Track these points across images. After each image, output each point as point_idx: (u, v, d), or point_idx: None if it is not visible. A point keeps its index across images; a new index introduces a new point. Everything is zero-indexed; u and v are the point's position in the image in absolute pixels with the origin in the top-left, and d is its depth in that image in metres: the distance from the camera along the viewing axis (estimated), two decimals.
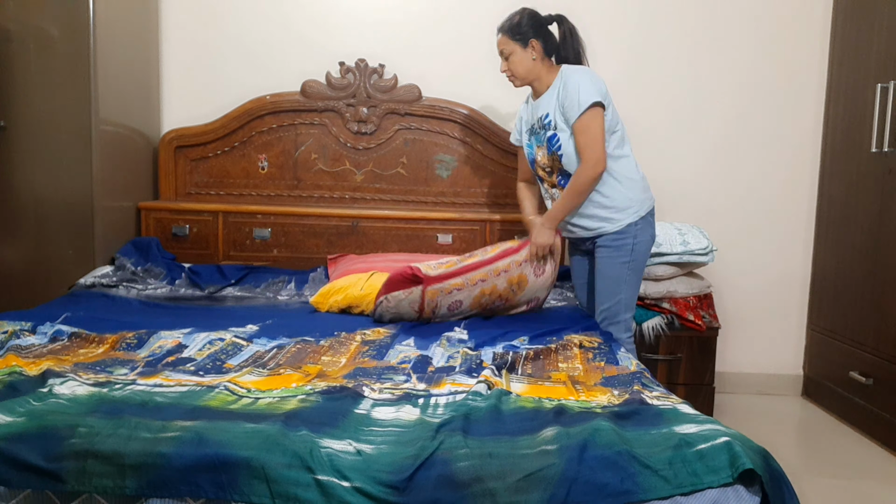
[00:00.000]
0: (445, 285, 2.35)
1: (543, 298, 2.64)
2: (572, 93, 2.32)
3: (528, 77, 2.44)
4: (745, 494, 1.25)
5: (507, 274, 2.43)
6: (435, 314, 2.39)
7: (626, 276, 2.45)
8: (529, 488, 1.21)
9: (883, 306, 2.87)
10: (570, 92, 2.33)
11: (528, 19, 2.41)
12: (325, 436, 1.32)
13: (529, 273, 2.48)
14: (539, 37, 2.41)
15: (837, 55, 3.26)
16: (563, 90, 2.36)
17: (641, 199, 2.45)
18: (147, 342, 2.04)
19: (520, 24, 2.40)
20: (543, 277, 2.53)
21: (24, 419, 1.34)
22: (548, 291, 2.62)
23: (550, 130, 2.41)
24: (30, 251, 2.80)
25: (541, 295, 2.60)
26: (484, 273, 2.39)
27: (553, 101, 2.40)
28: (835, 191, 3.26)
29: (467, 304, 2.41)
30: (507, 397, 1.59)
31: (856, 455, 2.76)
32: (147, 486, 1.24)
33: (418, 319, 2.39)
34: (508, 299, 2.49)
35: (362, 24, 3.29)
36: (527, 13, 2.43)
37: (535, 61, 2.41)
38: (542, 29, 2.44)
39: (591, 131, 2.31)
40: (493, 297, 2.44)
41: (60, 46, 2.71)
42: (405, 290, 2.32)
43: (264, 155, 3.25)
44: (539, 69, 2.43)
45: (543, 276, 2.52)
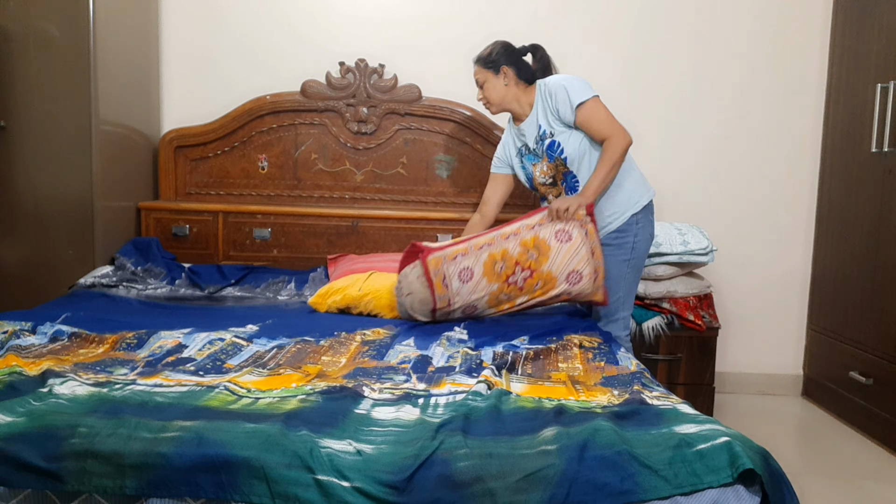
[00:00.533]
0: (447, 252, 2.32)
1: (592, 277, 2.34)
2: (561, 92, 2.38)
3: (502, 102, 2.51)
4: (745, 494, 1.25)
5: (517, 237, 2.33)
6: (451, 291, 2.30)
7: (626, 273, 2.46)
8: (529, 488, 1.21)
9: (883, 306, 2.87)
10: (559, 92, 2.39)
11: (499, 49, 2.51)
12: (325, 436, 1.32)
13: (549, 237, 2.32)
14: (510, 64, 2.49)
15: (837, 55, 3.26)
16: (550, 96, 2.41)
17: (642, 191, 2.48)
18: (147, 342, 2.04)
19: (491, 54, 2.50)
20: (572, 245, 2.31)
21: (24, 419, 1.34)
22: (593, 266, 2.34)
23: (548, 139, 2.44)
24: (30, 251, 2.80)
25: (582, 269, 2.33)
26: (489, 238, 2.35)
27: (540, 112, 2.45)
28: (835, 191, 3.26)
29: (479, 273, 2.30)
30: (507, 397, 1.59)
31: (856, 455, 2.76)
32: (147, 486, 1.24)
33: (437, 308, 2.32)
34: (532, 267, 2.32)
35: (362, 24, 3.29)
36: (499, 45, 2.52)
37: (507, 87, 2.49)
38: (514, 57, 2.51)
39: (600, 114, 2.36)
40: (508, 264, 2.30)
41: (60, 46, 2.71)
42: (410, 264, 2.35)
43: (264, 155, 3.25)
44: (514, 93, 2.50)
45: (571, 243, 2.31)
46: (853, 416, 3.04)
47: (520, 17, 3.30)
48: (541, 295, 2.37)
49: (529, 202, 3.18)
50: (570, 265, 2.33)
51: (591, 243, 2.33)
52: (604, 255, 2.46)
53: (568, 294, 2.37)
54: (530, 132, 2.50)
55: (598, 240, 2.36)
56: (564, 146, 2.41)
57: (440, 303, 2.32)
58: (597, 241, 2.35)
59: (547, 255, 2.32)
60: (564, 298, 2.40)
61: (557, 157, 2.44)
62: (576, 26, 3.29)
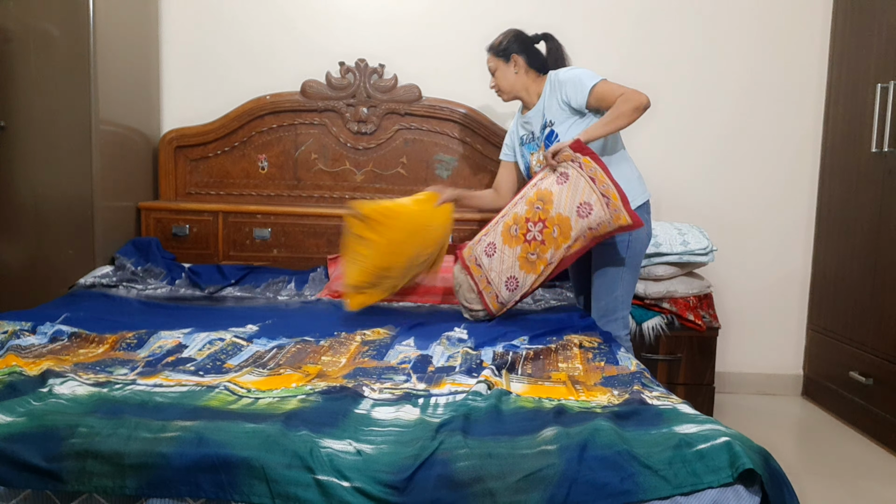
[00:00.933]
0: (474, 239, 2.48)
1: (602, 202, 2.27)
2: (573, 80, 2.41)
3: (512, 90, 2.55)
4: (745, 494, 1.25)
5: (523, 199, 2.40)
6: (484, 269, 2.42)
7: (623, 272, 2.47)
8: (529, 488, 1.21)
9: (883, 306, 2.87)
10: (570, 81, 2.41)
11: (511, 38, 2.55)
12: (325, 436, 1.32)
13: (549, 185, 2.34)
14: (521, 52, 2.53)
15: (837, 55, 3.26)
16: (559, 85, 2.43)
17: (636, 192, 2.47)
18: (147, 342, 2.04)
19: (502, 43, 2.54)
20: (569, 182, 2.30)
21: (24, 419, 1.34)
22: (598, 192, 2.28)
23: (549, 128, 2.47)
24: (30, 251, 2.80)
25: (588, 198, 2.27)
26: (503, 212, 2.46)
27: (547, 101, 2.48)
28: (835, 191, 3.26)
29: (500, 243, 2.39)
30: (507, 397, 1.59)
31: (856, 455, 2.76)
32: (147, 486, 1.24)
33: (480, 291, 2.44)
34: (541, 217, 2.32)
35: (362, 24, 3.29)
36: (511, 33, 2.57)
37: (517, 75, 2.53)
38: (525, 45, 2.55)
39: (611, 87, 2.34)
40: (521, 224, 2.35)
41: (60, 46, 2.71)
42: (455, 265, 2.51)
43: (264, 155, 3.25)
44: (524, 82, 2.54)
45: (569, 181, 2.30)
46: (853, 416, 3.04)
47: (519, 18, 3.29)
48: (564, 241, 2.32)
49: None
50: (576, 200, 2.29)
51: (589, 172, 2.29)
52: (599, 254, 2.46)
53: (592, 229, 2.30)
54: (536, 121, 2.53)
55: (599, 166, 2.29)
56: (563, 137, 2.44)
57: (480, 283, 2.43)
58: (595, 167, 2.29)
59: (551, 201, 2.32)
60: (592, 236, 2.32)
61: None
62: (575, 28, 3.28)
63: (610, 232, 2.31)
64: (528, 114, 2.56)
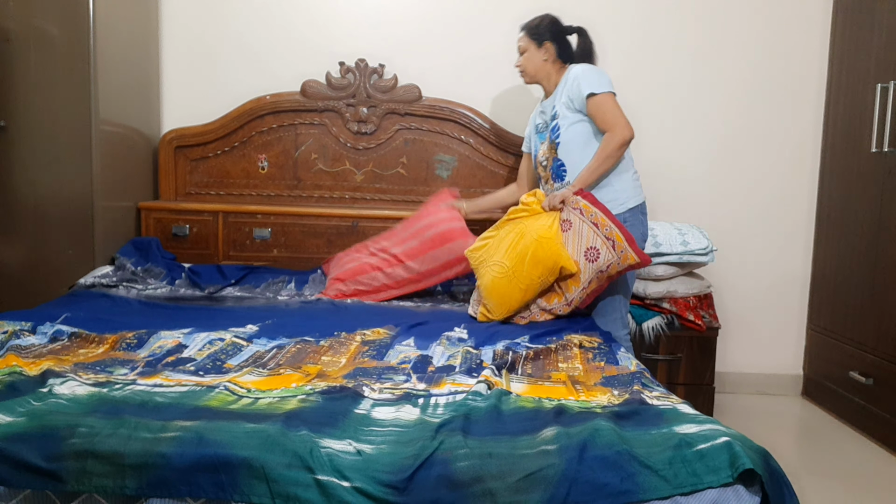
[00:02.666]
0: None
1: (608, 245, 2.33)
2: (579, 79, 2.43)
3: (536, 75, 2.56)
4: (745, 494, 1.25)
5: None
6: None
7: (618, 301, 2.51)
8: (529, 488, 1.21)
9: (883, 306, 2.87)
10: (575, 80, 2.44)
11: (547, 23, 2.56)
12: (325, 436, 1.32)
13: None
14: (554, 41, 2.55)
15: (837, 55, 3.26)
16: (569, 81, 2.47)
17: (630, 194, 2.49)
18: (147, 342, 2.04)
19: (538, 26, 2.55)
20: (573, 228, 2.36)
21: (24, 419, 1.34)
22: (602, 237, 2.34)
23: (554, 121, 2.50)
24: (30, 251, 2.80)
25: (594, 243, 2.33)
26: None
27: (559, 94, 2.51)
28: (835, 191, 3.26)
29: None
30: (507, 397, 1.59)
31: (856, 455, 2.76)
32: (147, 486, 1.24)
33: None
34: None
35: (362, 24, 3.29)
36: (549, 18, 2.58)
37: (545, 62, 2.55)
38: (560, 35, 2.57)
39: (608, 105, 2.40)
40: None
41: (60, 46, 2.71)
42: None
43: (264, 155, 3.26)
44: (549, 70, 2.55)
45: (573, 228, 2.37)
46: (853, 416, 3.04)
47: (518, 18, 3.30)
48: (575, 285, 2.38)
49: None
50: (582, 246, 2.36)
51: (590, 217, 2.36)
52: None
53: (603, 271, 2.34)
54: (548, 110, 2.56)
55: (600, 210, 2.36)
56: (562, 132, 2.46)
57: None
58: (596, 212, 2.35)
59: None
60: (606, 276, 2.37)
61: (553, 141, 2.50)
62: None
63: (621, 271, 2.38)
64: (545, 102, 2.60)
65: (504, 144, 3.21)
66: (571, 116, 2.46)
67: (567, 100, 2.46)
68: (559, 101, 2.49)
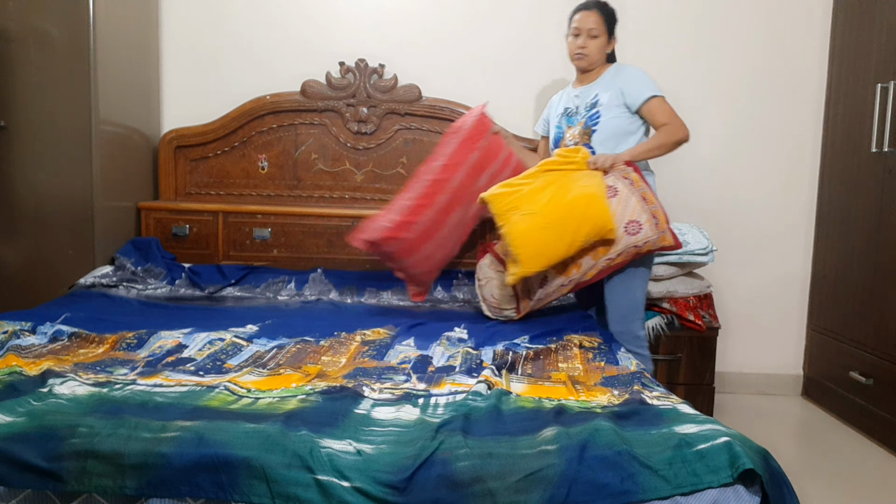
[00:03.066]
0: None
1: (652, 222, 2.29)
2: (639, 80, 2.46)
3: (593, 63, 2.55)
4: (745, 494, 1.25)
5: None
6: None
7: (640, 272, 2.46)
8: (529, 488, 1.21)
9: (883, 306, 2.87)
10: (635, 78, 2.47)
11: (615, 20, 2.58)
12: (325, 436, 1.32)
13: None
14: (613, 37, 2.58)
15: (837, 55, 3.26)
16: (623, 76, 2.49)
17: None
18: (147, 342, 2.04)
19: (613, 16, 2.56)
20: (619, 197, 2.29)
21: (24, 419, 1.34)
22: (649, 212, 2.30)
23: (595, 109, 2.50)
24: (30, 251, 2.80)
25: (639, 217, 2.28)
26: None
27: (605, 84, 2.51)
28: (835, 191, 3.26)
29: None
30: (507, 397, 1.59)
31: (856, 455, 2.76)
32: (147, 486, 1.24)
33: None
34: None
35: (362, 24, 3.29)
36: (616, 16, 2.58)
37: (606, 53, 2.57)
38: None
39: (668, 107, 2.45)
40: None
41: (60, 46, 2.71)
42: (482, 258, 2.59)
43: (264, 155, 3.25)
44: (602, 61, 2.57)
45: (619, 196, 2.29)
46: (853, 416, 3.04)
47: (519, 18, 3.30)
48: (605, 253, 2.31)
49: None
50: (625, 217, 2.29)
51: (640, 190, 2.33)
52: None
53: (637, 247, 2.31)
54: (586, 98, 2.54)
55: (648, 187, 2.37)
56: (602, 121, 2.47)
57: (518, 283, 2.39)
58: (646, 187, 2.35)
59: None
60: (635, 253, 2.33)
61: (589, 127, 2.50)
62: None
63: (651, 250, 2.34)
64: (581, 88, 2.58)
65: None
66: (616, 109, 2.47)
67: (618, 93, 2.46)
68: (606, 91, 2.49)
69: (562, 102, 2.66)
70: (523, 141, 3.22)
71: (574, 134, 2.55)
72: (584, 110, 2.53)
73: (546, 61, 3.28)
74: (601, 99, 2.49)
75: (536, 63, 3.30)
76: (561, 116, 2.63)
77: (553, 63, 3.27)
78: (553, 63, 3.27)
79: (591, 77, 2.57)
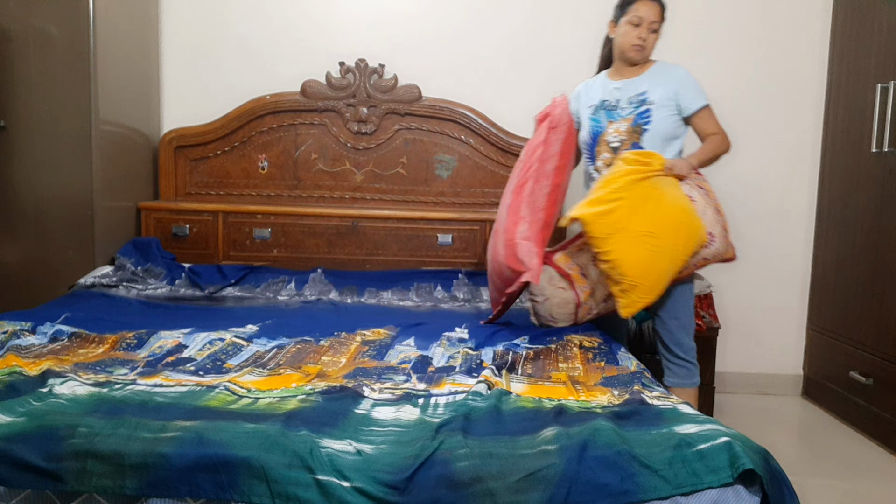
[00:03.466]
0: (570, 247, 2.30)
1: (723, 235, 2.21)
2: (693, 84, 2.37)
3: (648, 56, 2.43)
4: (745, 494, 1.25)
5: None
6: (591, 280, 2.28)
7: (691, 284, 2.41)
8: (529, 488, 1.21)
9: (883, 306, 2.87)
10: (690, 83, 2.38)
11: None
12: (325, 436, 1.32)
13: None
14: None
15: (837, 55, 3.26)
16: (678, 78, 2.38)
17: None
18: (147, 342, 2.04)
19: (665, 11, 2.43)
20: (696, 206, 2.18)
21: (24, 419, 1.34)
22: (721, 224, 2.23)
23: (645, 106, 2.37)
24: (30, 251, 2.80)
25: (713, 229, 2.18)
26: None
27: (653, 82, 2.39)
28: (835, 190, 3.26)
29: None
30: (507, 397, 1.59)
31: (856, 455, 2.76)
32: (147, 486, 1.24)
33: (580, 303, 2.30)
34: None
35: (362, 24, 3.29)
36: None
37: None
38: None
39: (716, 119, 2.39)
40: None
41: (60, 46, 2.71)
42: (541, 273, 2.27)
43: (264, 155, 3.25)
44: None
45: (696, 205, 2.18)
46: (853, 416, 3.04)
47: (519, 18, 3.30)
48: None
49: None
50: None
51: (714, 201, 2.25)
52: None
53: (707, 259, 2.24)
54: (629, 92, 2.40)
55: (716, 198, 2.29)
56: (653, 120, 2.35)
57: (582, 295, 2.28)
58: (717, 198, 2.28)
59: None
60: (701, 265, 2.26)
61: (639, 125, 2.37)
62: (574, 28, 3.28)
63: (710, 262, 2.25)
64: (623, 81, 2.42)
65: (504, 144, 3.21)
66: (666, 110, 2.36)
67: (672, 95, 2.36)
68: (656, 89, 2.36)
69: (595, 94, 2.47)
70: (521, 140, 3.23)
71: (619, 130, 2.38)
72: (630, 106, 2.38)
73: (546, 61, 3.29)
74: (651, 97, 2.36)
75: (536, 63, 3.30)
76: (596, 109, 2.44)
77: (553, 63, 3.27)
78: (553, 63, 3.27)
79: (635, 71, 2.42)
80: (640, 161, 2.18)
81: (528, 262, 2.22)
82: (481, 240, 3.12)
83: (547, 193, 2.36)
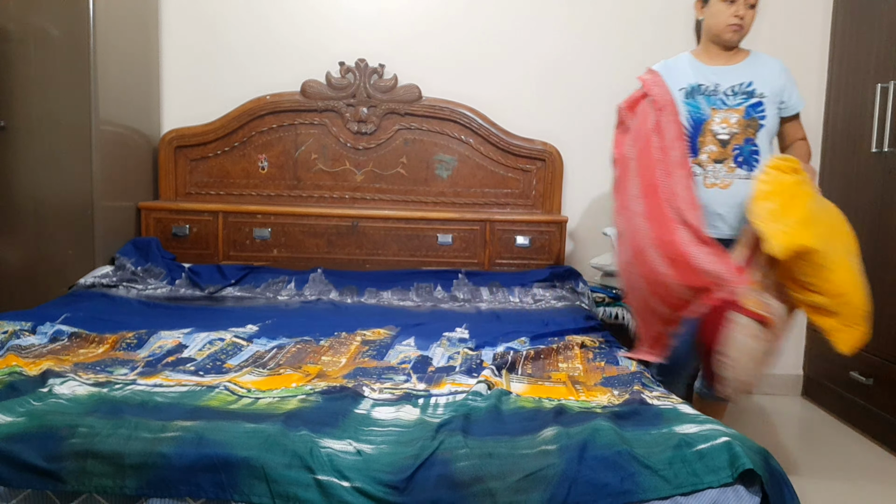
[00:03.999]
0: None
1: None
2: (795, 88, 2.29)
3: (746, 35, 2.26)
4: (745, 494, 1.25)
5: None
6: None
7: None
8: (529, 488, 1.21)
9: (883, 306, 2.87)
10: (793, 84, 2.29)
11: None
12: (325, 436, 1.32)
13: None
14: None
15: (837, 55, 3.26)
16: (784, 74, 2.28)
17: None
18: (147, 342, 2.04)
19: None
20: None
21: (24, 419, 1.34)
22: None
23: (755, 98, 2.23)
24: (30, 251, 2.80)
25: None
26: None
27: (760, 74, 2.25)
28: (834, 190, 3.26)
29: None
30: (507, 397, 1.59)
31: (856, 455, 2.76)
32: (147, 486, 1.24)
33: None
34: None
35: (362, 24, 3.29)
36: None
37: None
38: None
39: (801, 126, 2.33)
40: None
41: (60, 46, 2.71)
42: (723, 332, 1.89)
43: (264, 155, 3.25)
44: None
45: None
46: (853, 415, 3.04)
47: (519, 18, 3.30)
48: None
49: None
50: None
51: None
52: None
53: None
54: (730, 78, 2.23)
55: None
56: (768, 117, 2.24)
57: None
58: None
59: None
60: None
61: (755, 119, 2.22)
62: (574, 27, 3.28)
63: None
64: (723, 68, 2.25)
65: (504, 144, 3.21)
66: (774, 108, 2.25)
67: (779, 90, 2.24)
68: (766, 83, 2.22)
69: (684, 76, 2.25)
70: (521, 140, 3.23)
71: (728, 121, 2.19)
72: (736, 96, 2.21)
73: (547, 61, 3.28)
74: (761, 89, 2.20)
75: (537, 63, 3.30)
76: (691, 93, 2.23)
77: (554, 63, 3.27)
78: (554, 63, 3.27)
79: (732, 57, 2.23)
80: (794, 169, 1.95)
81: (717, 270, 1.89)
82: (481, 240, 3.12)
83: (686, 186, 2.08)
